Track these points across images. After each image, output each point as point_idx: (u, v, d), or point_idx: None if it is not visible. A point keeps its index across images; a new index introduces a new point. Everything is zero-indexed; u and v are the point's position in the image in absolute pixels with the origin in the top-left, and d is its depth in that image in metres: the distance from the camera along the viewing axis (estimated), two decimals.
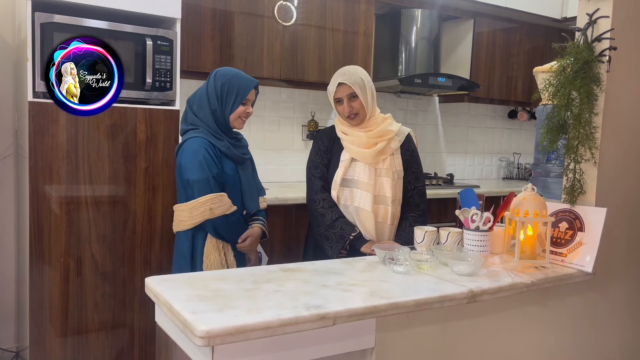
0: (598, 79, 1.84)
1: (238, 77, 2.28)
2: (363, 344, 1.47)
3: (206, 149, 2.18)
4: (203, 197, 2.16)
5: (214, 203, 2.16)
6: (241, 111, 2.28)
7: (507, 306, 1.75)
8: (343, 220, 2.25)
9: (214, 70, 2.32)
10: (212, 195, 2.16)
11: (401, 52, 3.94)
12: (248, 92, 2.27)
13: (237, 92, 2.25)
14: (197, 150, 2.17)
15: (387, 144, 2.27)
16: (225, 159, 2.25)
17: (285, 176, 3.83)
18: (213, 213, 2.16)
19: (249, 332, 1.23)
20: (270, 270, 1.66)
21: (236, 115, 2.27)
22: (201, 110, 2.26)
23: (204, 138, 2.20)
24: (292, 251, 3.14)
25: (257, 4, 3.22)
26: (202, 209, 2.16)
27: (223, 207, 2.19)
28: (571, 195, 1.90)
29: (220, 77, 2.26)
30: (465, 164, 4.80)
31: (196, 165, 2.16)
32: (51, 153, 2.49)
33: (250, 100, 2.31)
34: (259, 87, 2.39)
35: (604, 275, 1.96)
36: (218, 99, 2.24)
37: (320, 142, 2.37)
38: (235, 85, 2.25)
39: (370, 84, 2.28)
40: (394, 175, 2.27)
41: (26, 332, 2.62)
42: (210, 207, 2.16)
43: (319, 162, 2.34)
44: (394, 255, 1.73)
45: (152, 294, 1.48)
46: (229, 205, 2.20)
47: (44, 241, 2.52)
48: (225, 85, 2.25)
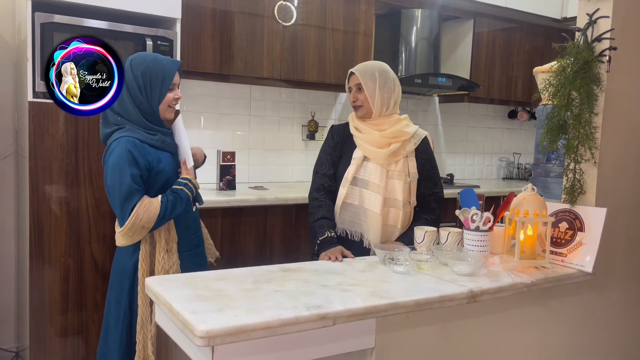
0: (598, 79, 1.84)
1: (158, 60, 2.01)
2: (363, 344, 1.47)
3: (130, 150, 1.91)
4: (127, 220, 1.89)
5: (142, 218, 1.89)
6: (170, 98, 2.02)
7: (507, 306, 1.75)
8: (321, 222, 2.14)
9: (127, 58, 2.02)
10: (134, 212, 1.88)
11: (401, 52, 3.94)
12: (173, 76, 2.00)
13: (162, 78, 1.98)
14: (121, 153, 1.91)
15: (402, 146, 2.22)
16: (160, 153, 2.01)
17: (285, 176, 3.83)
18: (148, 228, 1.91)
19: (249, 332, 1.23)
20: (270, 270, 1.66)
21: (165, 104, 2.01)
22: (122, 106, 1.97)
23: (129, 136, 1.93)
24: (292, 251, 3.14)
25: (257, 4, 3.22)
26: (137, 233, 1.92)
27: (151, 212, 1.91)
28: (571, 195, 1.90)
29: (139, 65, 1.98)
30: (465, 164, 4.80)
31: (116, 170, 1.91)
32: (51, 153, 2.49)
33: (176, 84, 2.04)
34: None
35: (604, 275, 1.96)
36: (141, 90, 1.97)
37: (331, 138, 2.33)
38: (159, 71, 1.98)
39: (386, 82, 2.22)
40: (406, 178, 2.21)
41: (26, 332, 2.62)
42: (143, 226, 1.90)
43: (325, 160, 2.30)
44: (394, 255, 1.73)
45: (152, 294, 1.48)
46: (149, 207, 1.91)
47: (44, 241, 2.52)
48: (147, 72, 1.97)
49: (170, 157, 2.06)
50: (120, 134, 1.96)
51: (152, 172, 1.98)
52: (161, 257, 1.99)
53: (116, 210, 1.96)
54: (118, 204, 1.92)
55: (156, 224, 1.93)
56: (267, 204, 3.03)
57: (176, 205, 1.96)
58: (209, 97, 3.48)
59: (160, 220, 1.94)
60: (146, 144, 1.98)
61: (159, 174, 2.00)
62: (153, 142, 1.99)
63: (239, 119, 3.59)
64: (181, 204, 1.98)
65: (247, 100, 3.62)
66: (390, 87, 2.24)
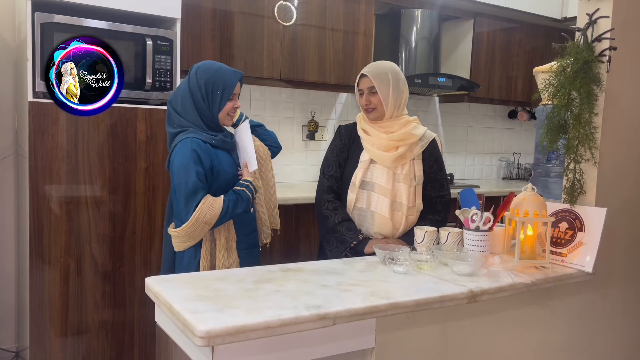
0: (598, 79, 1.84)
1: (221, 71, 2.12)
2: (363, 344, 1.47)
3: (195, 149, 2.00)
4: (192, 216, 1.96)
5: (205, 214, 1.96)
6: (229, 107, 2.12)
7: (507, 306, 1.75)
8: (346, 224, 2.17)
9: (194, 66, 2.14)
10: (198, 208, 1.95)
11: (401, 52, 3.94)
12: (234, 87, 2.11)
13: (224, 88, 2.08)
14: (186, 153, 2.00)
15: (409, 149, 2.19)
16: (220, 153, 2.11)
17: (285, 176, 3.83)
18: (210, 224, 1.99)
19: (249, 332, 1.23)
20: (270, 270, 1.66)
21: (225, 112, 2.12)
22: (186, 110, 2.08)
23: (193, 137, 2.04)
24: (292, 251, 3.14)
25: (257, 4, 3.22)
26: (199, 229, 1.99)
27: (214, 209, 1.98)
28: (571, 195, 1.90)
29: (203, 74, 2.09)
30: (465, 164, 4.80)
31: (182, 169, 2.00)
32: (51, 153, 2.49)
33: (236, 94, 2.15)
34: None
35: (604, 275, 1.96)
36: (203, 97, 2.08)
37: (339, 139, 2.30)
38: (221, 81, 2.09)
39: (398, 84, 2.20)
40: (412, 182, 2.19)
41: (26, 332, 2.62)
42: (206, 222, 1.97)
43: (332, 161, 2.28)
44: (394, 255, 1.73)
45: (152, 294, 1.48)
46: (212, 205, 1.98)
47: (44, 241, 2.52)
48: (210, 81, 2.08)
49: (230, 157, 2.16)
50: (184, 136, 2.05)
51: (215, 171, 2.07)
52: (221, 255, 2.08)
53: (180, 207, 2.02)
54: (183, 201, 1.99)
55: (218, 221, 2.00)
56: None
57: (237, 205, 2.04)
58: None
59: (222, 218, 2.01)
60: (208, 144, 2.07)
61: (220, 173, 2.08)
62: (215, 142, 2.09)
63: None
64: (242, 204, 2.06)
65: (247, 100, 3.62)
66: (402, 88, 2.22)
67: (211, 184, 2.06)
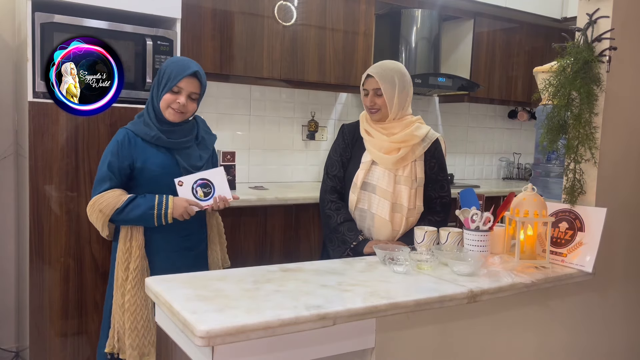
0: (598, 79, 1.84)
1: (177, 62, 2.07)
2: (363, 344, 1.47)
3: (119, 141, 2.04)
4: (91, 199, 2.03)
5: (102, 202, 2.00)
6: (169, 99, 2.03)
7: (507, 306, 1.75)
8: (348, 225, 2.17)
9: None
10: (100, 195, 2.01)
11: (401, 52, 3.94)
12: (178, 79, 2.01)
13: (168, 77, 2.02)
14: (112, 142, 2.07)
15: (411, 150, 2.17)
16: (150, 148, 2.07)
17: (285, 176, 3.83)
18: (104, 213, 2.00)
19: (249, 332, 1.23)
20: (270, 270, 1.66)
21: (165, 103, 2.03)
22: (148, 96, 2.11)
23: (127, 128, 2.08)
24: (292, 251, 3.14)
25: (257, 4, 3.22)
26: (94, 215, 2.03)
27: (112, 202, 1.99)
28: (571, 195, 1.90)
29: (165, 62, 2.10)
30: (465, 164, 4.80)
31: (103, 156, 2.06)
32: (51, 153, 2.49)
33: (184, 89, 2.03)
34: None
35: (604, 275, 1.95)
36: (154, 85, 2.06)
37: (342, 138, 2.29)
38: (169, 70, 2.03)
39: (404, 86, 2.19)
40: (413, 184, 2.18)
41: (26, 332, 2.62)
42: (100, 210, 2.00)
43: (336, 160, 2.27)
44: (394, 255, 1.73)
45: (152, 294, 1.48)
46: (115, 198, 2.00)
47: (44, 241, 2.52)
48: (162, 68, 2.05)
49: (163, 156, 2.08)
50: (126, 125, 2.10)
51: (137, 167, 2.06)
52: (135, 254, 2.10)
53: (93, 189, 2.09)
54: (94, 185, 2.06)
55: (114, 215, 2.01)
56: (267, 204, 3.03)
57: (134, 209, 2.02)
58: (209, 97, 3.47)
59: (119, 213, 2.01)
60: (139, 137, 2.06)
61: (144, 170, 2.06)
62: (147, 137, 2.05)
63: (239, 119, 3.59)
64: (138, 210, 2.02)
65: (247, 100, 3.62)
66: (407, 90, 2.21)
67: (137, 178, 2.07)
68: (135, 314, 2.07)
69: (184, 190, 2.07)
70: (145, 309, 2.07)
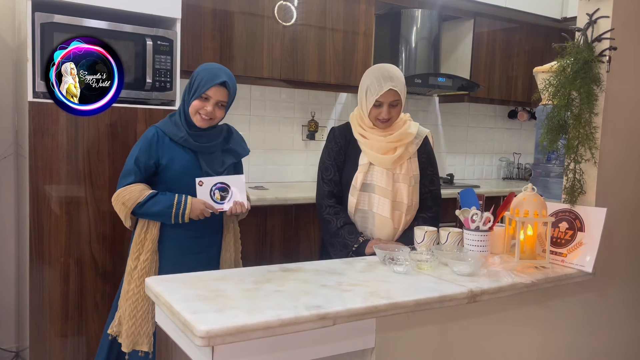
0: (598, 79, 1.84)
1: (207, 70, 2.13)
2: (363, 344, 1.47)
3: (149, 138, 2.12)
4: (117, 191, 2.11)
5: (125, 195, 2.08)
6: (197, 106, 2.10)
7: (507, 306, 1.75)
8: (347, 228, 2.17)
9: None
10: (125, 187, 2.09)
11: (401, 52, 3.94)
12: (206, 88, 2.07)
13: (198, 84, 2.09)
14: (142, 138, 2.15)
15: (406, 149, 2.20)
16: (177, 148, 2.13)
17: (285, 176, 3.83)
18: (126, 206, 2.08)
19: (249, 332, 1.23)
20: (270, 270, 1.66)
21: (193, 109, 2.11)
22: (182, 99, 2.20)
23: (157, 127, 2.16)
24: (292, 251, 3.14)
25: (257, 4, 3.22)
26: (118, 205, 2.11)
27: (135, 195, 2.07)
28: (571, 195, 1.90)
29: (198, 68, 2.17)
30: (465, 164, 4.80)
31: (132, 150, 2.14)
32: (51, 153, 2.49)
33: (212, 97, 2.09)
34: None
35: (604, 275, 1.95)
36: (186, 89, 2.15)
37: (334, 142, 2.29)
38: (200, 77, 2.10)
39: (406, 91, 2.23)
40: (411, 181, 2.20)
41: (26, 332, 2.62)
42: (123, 202, 2.09)
43: (330, 164, 2.27)
44: (394, 255, 1.73)
45: (152, 294, 1.48)
46: (138, 192, 2.07)
47: (44, 241, 2.52)
48: (194, 76, 2.13)
49: (188, 158, 2.15)
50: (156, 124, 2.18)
51: (162, 165, 2.12)
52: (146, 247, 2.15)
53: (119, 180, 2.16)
54: (120, 177, 2.14)
55: (136, 208, 2.08)
56: (267, 204, 3.03)
57: (154, 205, 2.08)
58: None
59: (140, 206, 2.08)
60: (168, 136, 2.13)
61: (167, 168, 2.12)
62: (175, 138, 2.13)
63: (239, 119, 3.59)
64: (157, 206, 2.08)
65: (247, 100, 3.62)
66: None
67: (159, 175, 2.14)
68: (135, 303, 2.12)
69: (202, 190, 2.12)
70: (146, 301, 2.12)
